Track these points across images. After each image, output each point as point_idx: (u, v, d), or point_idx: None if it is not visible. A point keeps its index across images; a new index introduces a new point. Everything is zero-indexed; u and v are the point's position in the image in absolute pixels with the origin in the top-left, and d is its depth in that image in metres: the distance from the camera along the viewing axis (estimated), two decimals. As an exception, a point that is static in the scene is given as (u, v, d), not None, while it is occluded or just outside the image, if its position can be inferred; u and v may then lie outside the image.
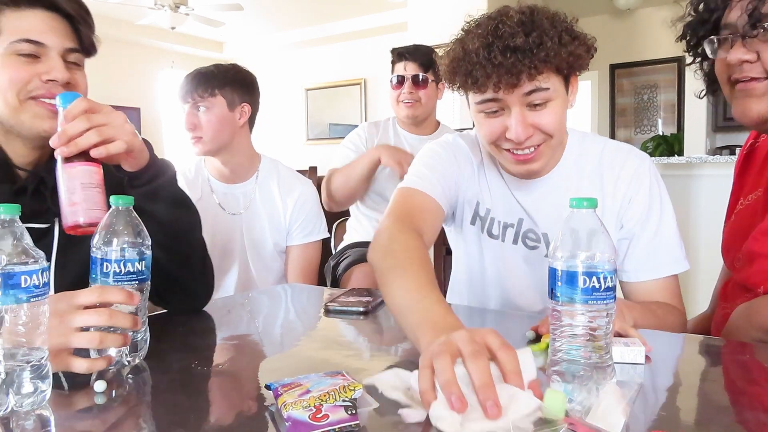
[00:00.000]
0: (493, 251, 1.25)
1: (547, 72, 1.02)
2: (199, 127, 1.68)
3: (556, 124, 1.06)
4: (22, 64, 0.96)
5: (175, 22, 5.67)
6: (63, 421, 0.65)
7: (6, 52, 0.95)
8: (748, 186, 1.15)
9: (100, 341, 0.74)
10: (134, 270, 0.79)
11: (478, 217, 1.26)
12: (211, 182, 1.79)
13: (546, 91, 1.03)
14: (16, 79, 0.96)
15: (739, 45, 0.95)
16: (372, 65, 7.32)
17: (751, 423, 0.60)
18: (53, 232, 1.02)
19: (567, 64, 1.03)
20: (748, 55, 0.94)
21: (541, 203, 1.19)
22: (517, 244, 1.22)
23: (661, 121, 6.53)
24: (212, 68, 1.74)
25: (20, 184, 1.00)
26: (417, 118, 2.18)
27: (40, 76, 0.97)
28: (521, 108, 1.04)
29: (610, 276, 0.65)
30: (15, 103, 0.97)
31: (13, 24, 0.96)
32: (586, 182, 1.18)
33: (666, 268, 1.14)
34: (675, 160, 3.50)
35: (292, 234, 1.79)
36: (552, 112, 1.05)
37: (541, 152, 1.09)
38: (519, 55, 0.98)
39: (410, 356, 0.86)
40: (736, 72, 0.97)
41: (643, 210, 1.14)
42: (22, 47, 0.96)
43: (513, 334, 0.98)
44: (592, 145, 1.20)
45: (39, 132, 0.98)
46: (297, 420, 0.56)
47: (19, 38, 0.95)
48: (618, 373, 0.70)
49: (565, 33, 1.02)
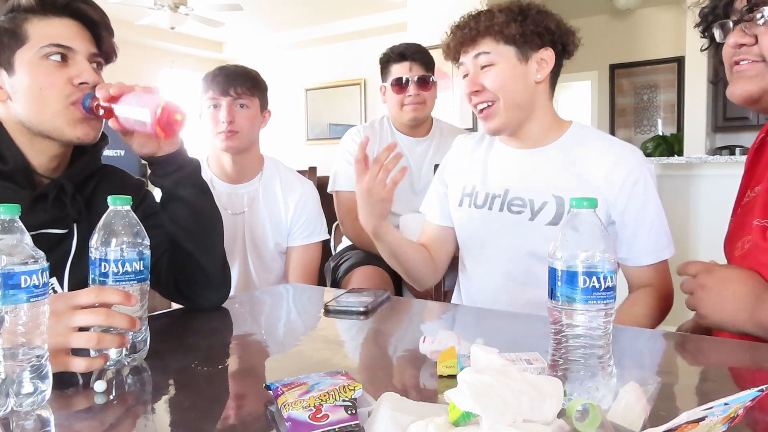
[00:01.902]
0: (477, 219, 1.38)
1: (490, 38, 1.26)
2: (236, 122, 1.69)
3: (499, 86, 1.26)
4: (54, 69, 0.98)
5: (174, 22, 5.67)
6: (63, 421, 0.65)
7: (35, 57, 0.98)
8: (755, 179, 1.15)
9: (98, 341, 0.74)
10: (132, 270, 0.79)
11: (465, 196, 1.41)
12: (214, 182, 1.79)
13: (487, 55, 1.26)
14: (51, 84, 0.98)
15: (738, 29, 1.00)
16: (372, 65, 7.22)
17: (752, 423, 0.60)
18: (72, 237, 1.04)
19: (517, 37, 1.24)
20: (745, 39, 0.99)
21: (533, 173, 1.32)
22: (502, 212, 1.34)
23: (661, 121, 6.54)
24: (249, 69, 1.76)
25: (41, 191, 1.01)
26: (419, 120, 2.15)
27: (71, 80, 0.99)
28: (474, 69, 1.29)
29: (610, 276, 0.65)
30: (55, 110, 0.98)
31: (40, 31, 0.98)
32: (580, 164, 1.28)
33: (658, 254, 1.28)
34: (675, 160, 3.50)
35: (293, 235, 1.79)
36: (495, 74, 1.26)
37: (494, 111, 1.28)
38: (472, 22, 1.28)
39: (410, 356, 0.86)
40: (735, 55, 1.02)
41: (639, 206, 1.25)
42: (52, 51, 0.98)
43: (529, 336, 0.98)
44: (589, 134, 1.34)
45: (72, 138, 1.01)
46: (297, 420, 0.56)
47: (49, 43, 0.98)
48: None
49: (521, 13, 1.26)
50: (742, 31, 1.00)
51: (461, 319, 1.16)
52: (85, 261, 0.81)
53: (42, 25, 0.99)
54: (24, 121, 1.00)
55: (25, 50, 0.98)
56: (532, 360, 0.74)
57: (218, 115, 1.70)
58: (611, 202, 1.26)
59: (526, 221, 1.30)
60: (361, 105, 7.56)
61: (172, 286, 1.12)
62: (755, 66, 1.00)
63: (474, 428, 0.50)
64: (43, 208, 1.00)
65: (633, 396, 0.60)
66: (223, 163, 1.78)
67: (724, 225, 1.22)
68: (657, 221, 1.27)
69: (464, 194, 1.41)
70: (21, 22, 0.98)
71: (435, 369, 0.76)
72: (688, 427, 0.49)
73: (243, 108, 1.71)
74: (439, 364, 0.76)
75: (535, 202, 1.29)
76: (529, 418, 0.52)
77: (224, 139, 1.70)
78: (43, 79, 0.98)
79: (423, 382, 0.77)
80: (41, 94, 0.98)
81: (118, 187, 1.11)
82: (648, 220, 1.26)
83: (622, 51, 6.56)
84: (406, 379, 0.80)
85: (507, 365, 0.58)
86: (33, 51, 0.98)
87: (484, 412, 0.49)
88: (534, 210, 1.29)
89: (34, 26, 0.98)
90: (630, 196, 1.25)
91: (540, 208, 1.28)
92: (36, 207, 0.99)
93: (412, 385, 0.77)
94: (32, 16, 0.99)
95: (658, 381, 0.68)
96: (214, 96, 1.70)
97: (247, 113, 1.71)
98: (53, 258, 0.68)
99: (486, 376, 0.52)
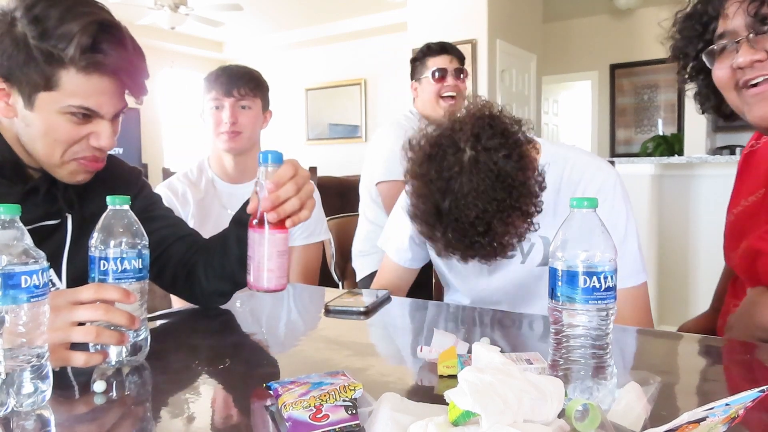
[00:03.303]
0: (471, 268, 1.26)
1: None
2: (239, 122, 1.70)
3: None
4: (74, 126, 0.95)
5: (174, 22, 5.67)
6: (63, 421, 0.65)
7: (60, 111, 0.93)
8: (748, 187, 1.15)
9: (96, 335, 0.75)
10: (131, 268, 0.79)
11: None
12: (215, 182, 1.79)
13: None
14: (65, 140, 0.95)
15: (746, 47, 0.94)
16: (372, 65, 7.32)
17: (753, 423, 0.60)
18: (66, 226, 1.02)
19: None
20: (758, 55, 0.94)
21: None
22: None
23: (661, 121, 6.54)
24: (251, 70, 1.77)
25: (32, 185, 1.00)
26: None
27: (88, 140, 0.96)
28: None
29: (610, 276, 0.65)
30: (57, 161, 0.97)
31: (73, 86, 0.91)
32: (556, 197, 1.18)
33: (624, 281, 1.14)
34: (675, 160, 3.50)
35: (294, 235, 1.79)
36: None
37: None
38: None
39: (410, 356, 0.86)
40: (747, 74, 0.96)
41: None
42: (80, 111, 0.94)
43: (530, 336, 0.98)
44: (560, 163, 1.21)
45: (70, 182, 1.01)
46: (297, 420, 0.56)
47: (79, 104, 0.92)
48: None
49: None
50: (752, 48, 0.94)
51: (461, 319, 1.16)
52: (83, 251, 0.81)
53: (79, 80, 0.91)
54: (26, 145, 0.98)
55: (51, 96, 0.92)
56: (533, 360, 0.74)
57: (221, 115, 1.70)
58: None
59: (518, 264, 1.25)
60: (361, 105, 7.56)
61: (181, 278, 1.11)
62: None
63: (474, 428, 0.50)
64: (34, 202, 0.98)
65: (633, 396, 0.60)
66: (225, 163, 1.78)
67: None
68: (624, 246, 1.17)
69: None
70: (58, 66, 0.90)
71: (435, 369, 0.76)
72: (688, 428, 0.49)
73: (246, 109, 1.71)
74: (439, 364, 0.76)
75: (523, 245, 1.22)
76: (529, 418, 0.52)
77: (227, 139, 1.70)
78: (61, 134, 0.94)
79: (423, 382, 0.77)
80: (53, 144, 0.95)
81: (112, 176, 1.10)
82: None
83: (622, 51, 6.56)
84: (406, 379, 0.80)
85: (508, 364, 0.58)
86: (60, 104, 0.92)
87: (484, 411, 0.49)
88: (524, 252, 1.24)
89: (71, 79, 0.91)
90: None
91: (529, 250, 1.24)
92: (28, 201, 0.96)
93: (412, 385, 0.77)
94: (72, 68, 0.90)
95: (658, 381, 0.67)
96: (217, 96, 1.70)
97: (249, 114, 1.72)
98: (48, 250, 0.67)
99: (487, 375, 0.52)
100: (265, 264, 0.85)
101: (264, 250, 0.85)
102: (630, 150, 6.60)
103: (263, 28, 7.68)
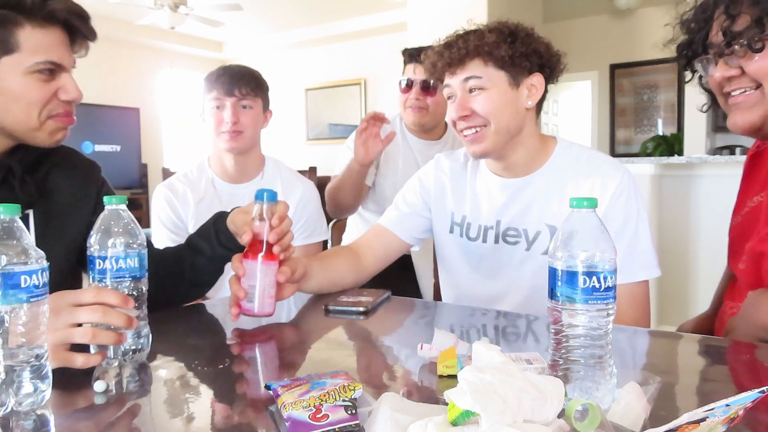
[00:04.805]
0: (475, 252, 1.33)
1: (479, 60, 1.20)
2: (240, 122, 1.70)
3: (490, 112, 1.21)
4: (43, 84, 0.96)
5: (174, 22, 5.66)
6: (63, 421, 0.65)
7: (27, 71, 0.94)
8: (755, 188, 1.15)
9: (93, 336, 0.75)
10: (126, 267, 0.80)
11: (455, 225, 1.37)
12: (215, 182, 1.79)
13: (478, 80, 1.21)
14: (38, 100, 0.96)
15: (721, 63, 1.01)
16: (372, 65, 7.32)
17: (754, 423, 0.60)
18: (28, 222, 1.01)
19: (506, 61, 1.19)
20: (730, 72, 1.00)
21: (524, 202, 1.29)
22: (498, 243, 1.31)
23: (661, 121, 6.53)
24: (252, 70, 1.76)
25: None
26: (424, 126, 2.09)
27: (57, 95, 0.98)
28: (462, 92, 1.23)
29: (610, 276, 0.65)
30: (36, 123, 0.97)
31: (33, 42, 0.94)
32: (568, 189, 1.24)
33: (632, 274, 1.18)
34: (675, 160, 3.50)
35: (294, 235, 1.79)
36: (486, 100, 1.21)
37: (482, 135, 1.23)
38: (460, 42, 1.21)
39: (410, 356, 0.86)
40: (725, 86, 1.03)
41: (619, 223, 1.19)
42: (45, 68, 0.95)
43: (530, 336, 0.98)
44: (574, 154, 1.29)
45: (45, 144, 1.01)
46: (297, 420, 0.56)
47: (44, 59, 0.94)
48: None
49: (511, 34, 1.21)
50: (725, 64, 1.00)
51: (461, 319, 1.16)
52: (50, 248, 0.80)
53: (37, 36, 0.94)
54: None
55: (13, 60, 0.93)
56: (533, 360, 0.74)
57: (222, 115, 1.70)
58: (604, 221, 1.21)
59: (522, 251, 1.27)
60: (361, 105, 7.56)
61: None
62: (751, 96, 1.00)
63: (474, 427, 0.50)
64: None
65: (633, 396, 0.60)
66: (225, 163, 1.78)
67: (725, 225, 1.22)
68: (636, 240, 1.19)
69: (453, 222, 1.38)
70: (13, 27, 0.92)
71: (435, 369, 0.76)
72: (688, 428, 0.49)
73: (247, 108, 1.71)
74: (439, 364, 0.76)
75: (529, 232, 1.27)
76: (529, 417, 0.52)
77: (228, 139, 1.70)
78: (33, 95, 0.95)
79: (423, 382, 0.77)
80: (28, 107, 0.96)
81: (71, 170, 1.10)
82: (626, 237, 1.18)
83: (622, 51, 6.56)
84: (406, 379, 0.80)
85: (508, 363, 0.58)
86: (24, 64, 0.94)
87: (484, 410, 0.49)
88: (529, 240, 1.26)
89: (27, 36, 0.93)
90: (610, 208, 1.20)
91: (534, 237, 1.26)
92: None
93: (412, 385, 0.77)
94: (26, 23, 0.93)
95: (658, 381, 0.67)
96: (218, 96, 1.70)
97: (250, 114, 1.72)
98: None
99: (486, 375, 0.52)
100: (268, 291, 1.00)
101: (268, 280, 0.99)
102: (630, 150, 6.60)
103: (263, 28, 7.68)
